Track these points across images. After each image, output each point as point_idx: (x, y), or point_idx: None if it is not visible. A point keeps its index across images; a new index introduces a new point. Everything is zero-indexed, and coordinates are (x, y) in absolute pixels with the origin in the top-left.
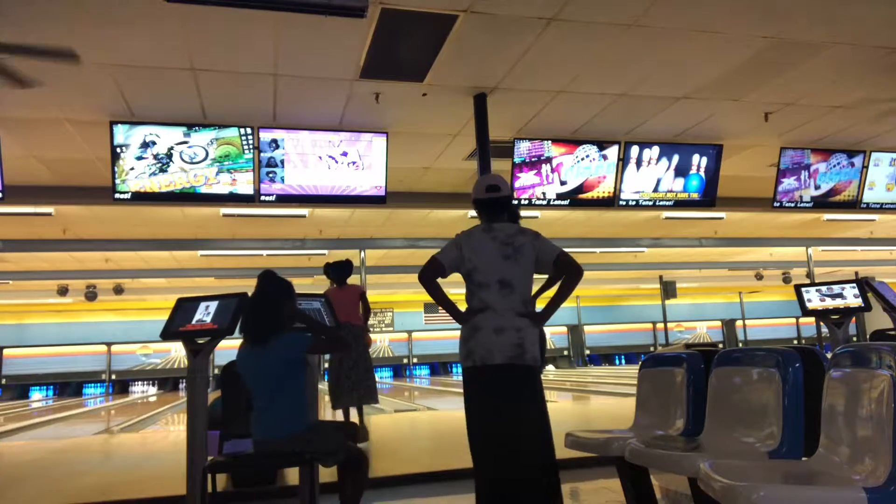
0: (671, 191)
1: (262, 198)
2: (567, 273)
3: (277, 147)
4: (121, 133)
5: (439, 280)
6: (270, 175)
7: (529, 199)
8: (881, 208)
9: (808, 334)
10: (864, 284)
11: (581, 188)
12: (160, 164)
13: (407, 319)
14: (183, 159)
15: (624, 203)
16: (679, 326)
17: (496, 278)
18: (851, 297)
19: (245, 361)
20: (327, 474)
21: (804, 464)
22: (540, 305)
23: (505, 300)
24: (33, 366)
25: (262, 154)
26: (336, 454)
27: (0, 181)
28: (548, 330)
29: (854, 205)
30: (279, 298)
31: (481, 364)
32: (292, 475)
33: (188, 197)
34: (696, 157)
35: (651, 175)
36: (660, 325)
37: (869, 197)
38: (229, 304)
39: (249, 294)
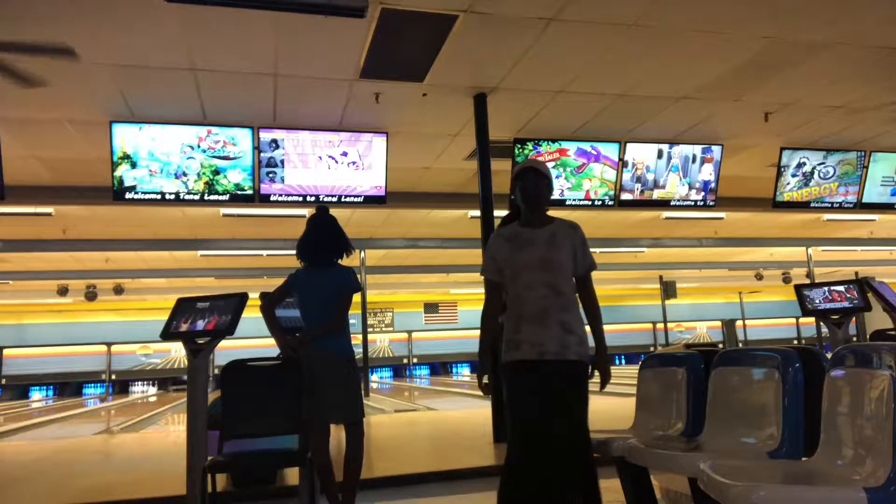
0: None
1: (273, 198)
2: None
3: (277, 147)
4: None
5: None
6: (270, 175)
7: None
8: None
9: (808, 334)
10: (864, 284)
11: None
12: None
13: (407, 319)
14: None
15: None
16: (679, 326)
17: None
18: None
19: (304, 281)
20: None
21: (804, 464)
22: None
23: None
24: (33, 366)
25: (262, 154)
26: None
27: (0, 181)
28: None
29: (854, 205)
30: (337, 230)
31: None
32: (292, 475)
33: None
34: None
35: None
36: (660, 325)
37: (869, 197)
38: (229, 304)
39: (249, 294)
